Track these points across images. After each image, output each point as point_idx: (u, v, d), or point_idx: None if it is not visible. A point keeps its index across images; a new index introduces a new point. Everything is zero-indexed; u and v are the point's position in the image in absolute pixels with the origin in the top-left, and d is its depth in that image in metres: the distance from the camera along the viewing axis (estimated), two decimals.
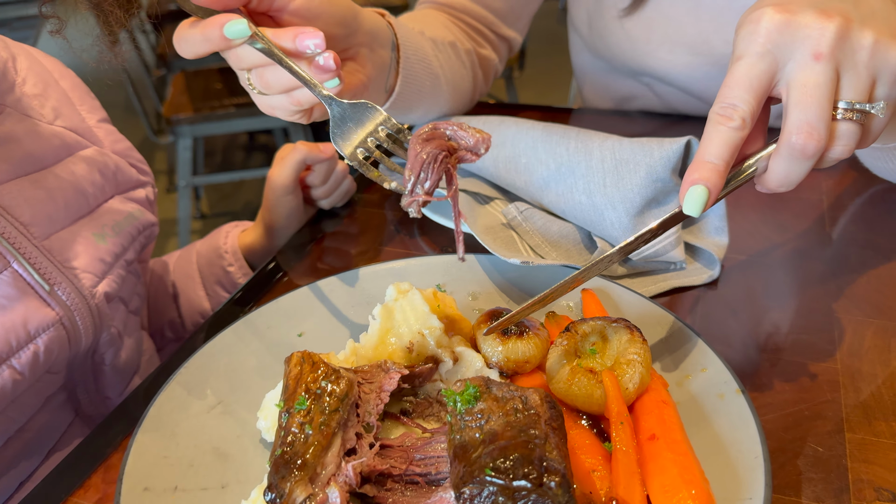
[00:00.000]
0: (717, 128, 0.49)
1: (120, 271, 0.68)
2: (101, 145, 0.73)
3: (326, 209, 0.87)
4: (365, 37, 0.66)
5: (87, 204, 0.67)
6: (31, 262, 0.58)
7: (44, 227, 0.61)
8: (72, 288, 0.61)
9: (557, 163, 0.73)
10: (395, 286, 0.56)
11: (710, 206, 0.50)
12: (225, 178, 2.69)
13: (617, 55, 0.97)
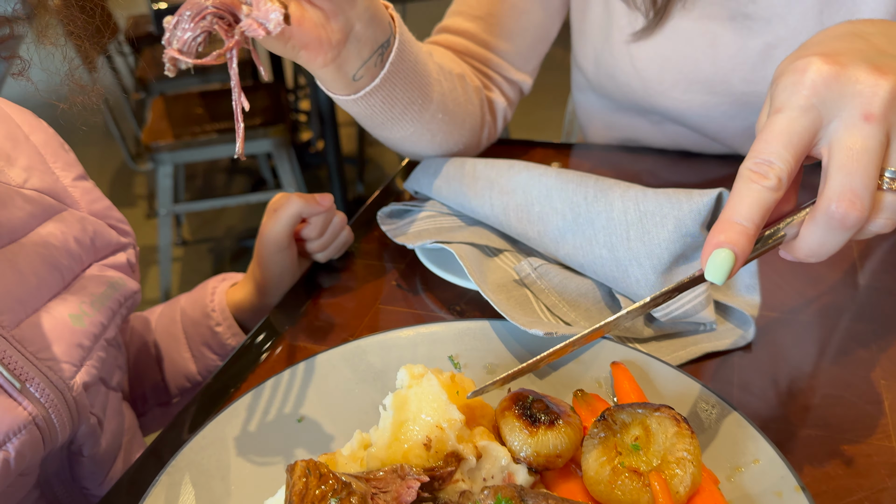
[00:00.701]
0: (750, 185, 0.44)
1: (100, 353, 0.61)
2: (78, 207, 0.67)
3: (322, 262, 0.80)
4: (362, 11, 0.62)
5: (62, 279, 0.60)
6: (0, 358, 0.51)
7: (14, 313, 0.54)
8: (46, 382, 0.54)
9: (575, 213, 0.67)
10: (408, 370, 0.50)
11: (735, 273, 0.44)
12: (207, 205, 2.61)
13: (627, 94, 0.91)
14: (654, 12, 0.84)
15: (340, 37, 0.62)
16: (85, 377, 0.58)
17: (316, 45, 0.60)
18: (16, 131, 0.66)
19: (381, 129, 0.77)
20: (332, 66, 0.64)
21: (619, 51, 0.89)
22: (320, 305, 0.75)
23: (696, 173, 0.93)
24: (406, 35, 0.70)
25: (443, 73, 0.78)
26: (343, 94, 0.69)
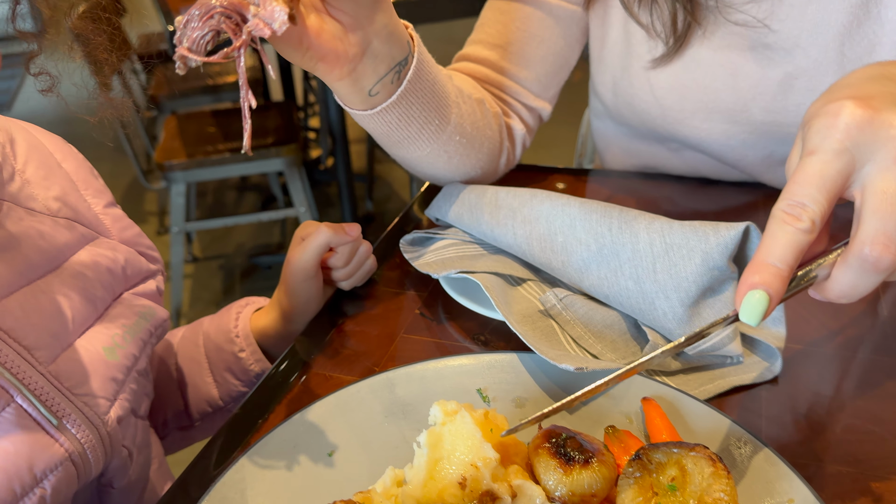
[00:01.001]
0: (783, 227, 0.44)
1: (132, 385, 0.61)
2: (109, 235, 0.67)
3: (347, 290, 0.81)
4: (381, 28, 0.63)
5: (96, 310, 0.60)
6: (37, 394, 0.51)
7: (50, 348, 0.54)
8: (82, 418, 0.54)
9: (599, 244, 0.68)
10: (441, 407, 0.50)
11: (769, 314, 0.44)
12: (219, 223, 2.63)
13: (645, 121, 0.92)
14: (674, 40, 0.84)
15: (357, 51, 0.63)
16: (119, 411, 0.58)
17: (333, 58, 0.61)
18: (49, 159, 0.66)
19: (398, 148, 0.78)
20: (348, 80, 0.66)
21: (639, 79, 0.89)
22: (345, 333, 0.75)
23: (716, 201, 0.93)
24: (425, 56, 0.71)
25: (462, 97, 0.79)
26: (359, 108, 0.70)
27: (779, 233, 0.43)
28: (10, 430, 0.49)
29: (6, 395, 0.50)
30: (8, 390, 0.50)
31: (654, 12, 0.84)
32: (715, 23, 0.83)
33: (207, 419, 0.84)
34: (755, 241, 0.63)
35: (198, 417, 0.84)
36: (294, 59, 0.60)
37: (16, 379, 0.51)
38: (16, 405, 0.50)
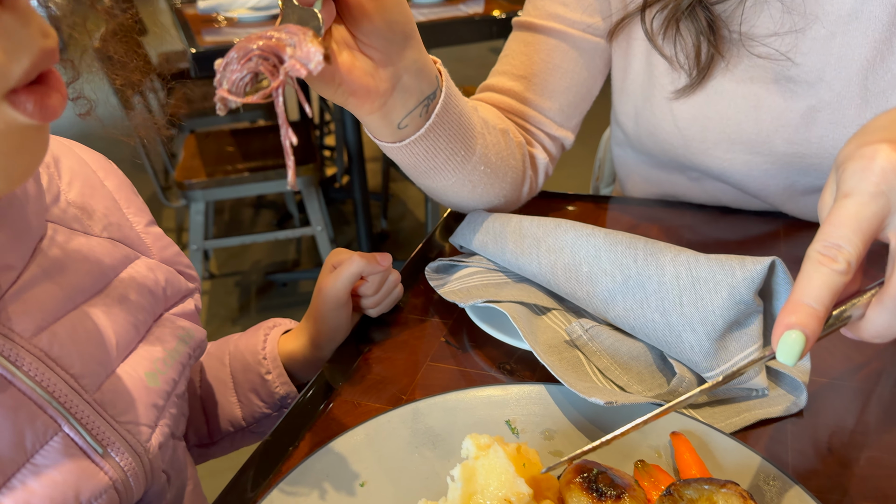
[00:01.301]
0: (819, 268, 0.45)
1: (171, 410, 0.62)
2: (150, 254, 0.67)
3: (374, 317, 0.82)
4: (410, 64, 0.65)
5: (138, 333, 0.60)
6: (83, 423, 0.52)
7: (95, 375, 0.54)
8: (125, 446, 0.55)
9: (625, 275, 0.69)
10: (474, 441, 0.51)
11: (805, 354, 0.45)
12: (237, 241, 2.65)
13: (667, 151, 0.93)
14: (697, 71, 0.85)
15: (388, 86, 0.65)
16: (160, 437, 0.59)
17: (364, 93, 0.63)
18: (93, 178, 0.66)
19: (424, 178, 0.79)
20: (378, 114, 0.67)
21: (661, 109, 0.90)
22: (371, 360, 0.76)
23: (737, 230, 0.94)
24: (452, 89, 0.73)
25: (487, 128, 0.81)
26: (388, 141, 0.72)
27: (815, 274, 0.44)
28: (57, 458, 0.50)
29: (54, 425, 0.51)
30: (56, 419, 0.51)
31: (678, 44, 0.86)
32: (738, 55, 0.84)
33: (227, 438, 0.85)
34: (781, 275, 0.64)
35: (218, 436, 0.84)
36: (326, 95, 0.62)
37: (63, 408, 0.51)
38: (63, 434, 0.51)
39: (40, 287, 0.53)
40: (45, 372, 0.51)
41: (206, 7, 2.32)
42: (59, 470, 0.50)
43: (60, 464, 0.50)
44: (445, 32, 2.20)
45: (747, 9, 0.82)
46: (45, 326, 0.52)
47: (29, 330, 0.51)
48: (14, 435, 0.48)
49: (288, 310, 2.75)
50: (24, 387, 0.49)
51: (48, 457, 0.50)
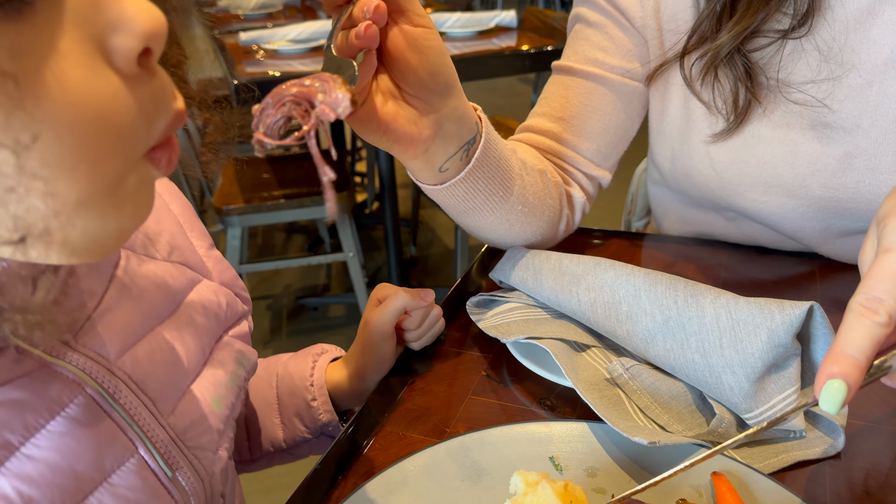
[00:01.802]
0: (861, 320, 0.47)
1: (229, 433, 0.64)
2: (211, 277, 0.69)
3: (416, 350, 0.85)
4: (451, 112, 0.68)
5: (204, 355, 0.62)
6: (157, 446, 0.54)
7: (169, 399, 0.56)
8: (191, 470, 0.57)
9: (665, 315, 0.71)
10: (522, 477, 0.53)
11: (847, 402, 0.47)
12: (271, 265, 2.69)
13: (703, 192, 0.95)
14: (734, 116, 0.88)
15: (430, 133, 0.68)
16: (221, 461, 0.61)
17: (407, 140, 0.67)
18: (158, 201, 0.67)
19: (464, 217, 0.82)
20: (421, 159, 0.71)
21: (698, 151, 0.93)
22: (415, 392, 0.79)
23: (773, 270, 0.95)
24: (492, 134, 0.76)
25: (525, 169, 0.83)
26: (430, 183, 0.76)
27: (857, 325, 0.46)
28: (131, 479, 0.52)
29: (132, 447, 0.52)
30: (134, 442, 0.53)
31: (716, 90, 0.88)
32: (775, 101, 0.86)
33: (266, 457, 0.87)
34: (819, 319, 0.66)
35: (258, 455, 0.87)
36: (372, 141, 0.66)
37: (142, 431, 0.53)
38: (138, 456, 0.53)
39: (119, 311, 0.55)
40: (128, 395, 0.53)
41: (247, 39, 2.39)
42: (132, 490, 0.52)
43: (134, 485, 0.52)
44: (478, 66, 2.25)
45: (785, 56, 0.84)
46: (126, 349, 0.54)
47: (113, 353, 0.53)
48: (96, 455, 0.50)
49: (318, 334, 2.79)
50: (110, 409, 0.51)
51: (123, 477, 0.52)
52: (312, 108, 0.51)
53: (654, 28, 0.92)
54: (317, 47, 2.33)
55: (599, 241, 1.06)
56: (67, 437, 0.48)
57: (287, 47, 2.28)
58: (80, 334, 0.51)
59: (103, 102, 0.36)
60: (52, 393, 0.48)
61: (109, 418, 0.51)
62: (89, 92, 0.35)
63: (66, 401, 0.49)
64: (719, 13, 0.84)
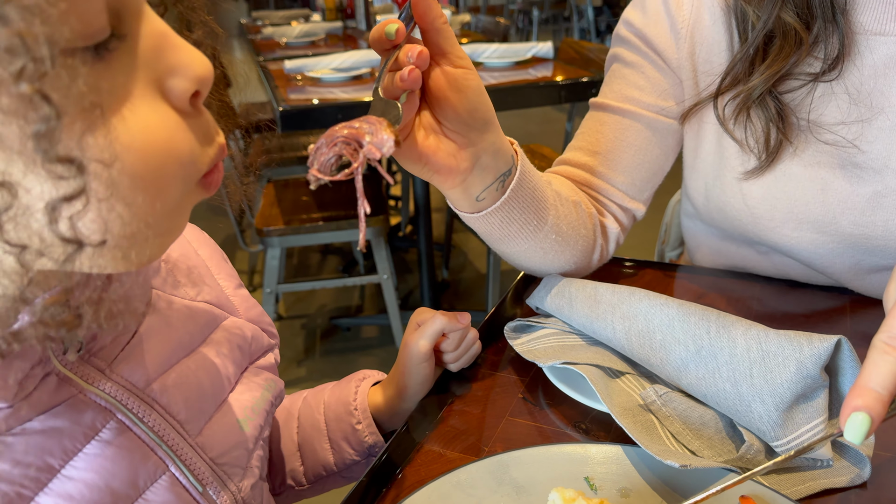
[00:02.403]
0: (884, 357, 0.50)
1: (259, 452, 0.69)
2: (238, 314, 0.75)
3: (455, 372, 0.88)
4: (489, 146, 0.73)
5: (230, 384, 0.68)
6: (187, 464, 0.59)
7: (197, 422, 0.62)
8: (221, 486, 0.62)
9: (697, 345, 0.74)
10: (560, 494, 0.56)
11: (871, 434, 0.50)
12: (307, 286, 2.76)
13: (736, 227, 0.98)
14: (766, 155, 0.91)
15: (468, 165, 0.73)
16: (251, 478, 0.66)
17: (446, 171, 0.72)
18: (187, 248, 0.74)
19: (499, 244, 0.87)
20: (459, 188, 0.76)
21: (731, 188, 0.96)
22: (453, 413, 0.82)
23: (804, 303, 0.98)
24: (527, 167, 0.81)
25: (559, 200, 0.88)
26: (467, 211, 0.81)
27: (880, 361, 0.49)
28: (164, 495, 0.57)
29: (163, 465, 0.58)
30: (164, 460, 0.58)
31: (748, 129, 0.92)
32: (806, 141, 0.89)
33: (319, 481, 0.92)
34: (846, 353, 0.68)
35: (311, 479, 0.91)
36: (414, 171, 0.71)
37: (171, 451, 0.58)
38: (170, 474, 0.58)
39: (150, 344, 0.61)
40: (156, 418, 0.59)
41: (292, 67, 2.47)
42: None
43: (167, 500, 0.57)
44: (514, 96, 2.30)
45: (815, 98, 0.88)
46: (155, 378, 0.60)
47: (142, 381, 0.59)
48: (130, 473, 0.55)
49: (351, 354, 2.83)
50: (140, 431, 0.57)
51: (157, 493, 0.57)
52: (361, 148, 0.56)
53: (689, 69, 0.96)
54: (358, 76, 2.41)
55: (633, 271, 1.09)
56: (102, 459, 0.54)
57: (329, 75, 2.35)
58: (114, 364, 0.57)
59: (167, 133, 0.43)
60: (87, 419, 0.54)
61: (139, 440, 0.57)
62: (156, 124, 0.42)
63: (98, 426, 0.54)
64: (752, 56, 0.88)
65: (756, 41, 0.88)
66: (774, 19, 0.86)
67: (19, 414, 0.50)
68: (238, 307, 0.76)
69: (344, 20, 3.91)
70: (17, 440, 0.50)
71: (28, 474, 0.50)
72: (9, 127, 0.35)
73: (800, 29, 0.85)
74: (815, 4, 0.85)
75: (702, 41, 0.95)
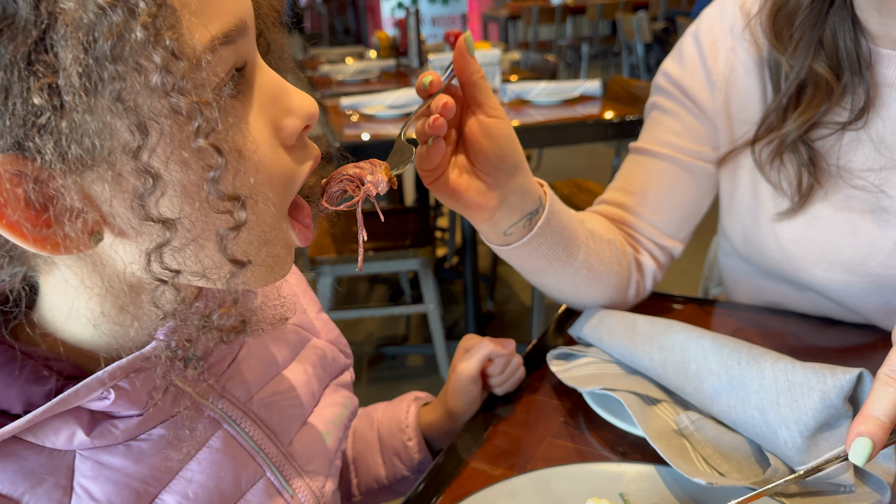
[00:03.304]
0: (886, 388, 0.55)
1: (337, 462, 0.76)
2: (319, 336, 0.83)
3: (500, 395, 0.95)
4: (516, 187, 0.80)
5: (314, 399, 0.76)
6: (280, 470, 0.67)
7: (288, 433, 0.70)
8: (308, 491, 0.69)
9: (729, 375, 0.79)
10: (595, 503, 0.62)
11: (874, 457, 0.54)
12: (356, 314, 2.85)
13: (771, 266, 1.03)
14: (798, 198, 0.96)
15: (496, 203, 0.80)
16: (332, 486, 0.73)
17: (476, 207, 0.80)
18: None
19: (530, 275, 0.95)
20: (488, 223, 0.84)
21: (765, 229, 1.01)
22: (498, 433, 0.89)
23: (837, 340, 1.02)
24: (556, 206, 0.88)
25: (592, 237, 0.94)
26: (495, 243, 0.89)
27: (882, 392, 0.54)
28: (261, 497, 0.65)
29: (260, 470, 0.66)
30: (262, 466, 0.66)
31: (782, 173, 0.97)
32: (836, 186, 0.94)
33: (371, 494, 0.99)
34: (868, 384, 0.73)
35: (363, 491, 0.98)
36: (448, 204, 0.80)
37: (267, 458, 0.66)
38: (265, 478, 0.66)
39: (250, 362, 0.69)
40: (255, 429, 0.66)
41: (348, 104, 2.59)
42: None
43: (263, 501, 0.65)
44: (561, 133, 2.37)
45: (843, 145, 0.93)
46: (254, 393, 0.68)
47: (245, 396, 0.67)
48: (234, 477, 0.63)
49: (396, 382, 2.90)
50: (242, 440, 0.65)
51: (255, 495, 0.65)
52: (362, 185, 0.65)
53: (724, 118, 1.02)
54: (409, 113, 2.51)
55: (674, 306, 1.14)
56: (212, 464, 0.62)
57: (383, 112, 2.46)
58: (222, 379, 0.66)
59: (285, 167, 0.53)
60: (200, 429, 0.62)
61: (242, 448, 0.65)
62: (274, 159, 0.52)
63: (209, 435, 0.63)
64: (785, 106, 0.94)
65: (789, 91, 0.94)
66: (807, 70, 0.92)
67: (147, 422, 0.58)
68: (320, 330, 0.84)
69: (397, 57, 4.05)
70: (146, 445, 0.58)
71: (154, 475, 0.58)
72: (188, 175, 0.44)
73: (830, 79, 0.90)
74: (843, 57, 0.90)
75: (736, 92, 1.01)
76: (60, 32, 0.39)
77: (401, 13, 9.13)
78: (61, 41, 0.39)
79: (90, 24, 0.39)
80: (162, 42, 0.41)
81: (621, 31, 6.47)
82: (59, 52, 0.39)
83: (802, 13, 0.90)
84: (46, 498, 0.52)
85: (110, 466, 0.56)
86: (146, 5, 0.40)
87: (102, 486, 0.55)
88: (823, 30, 0.90)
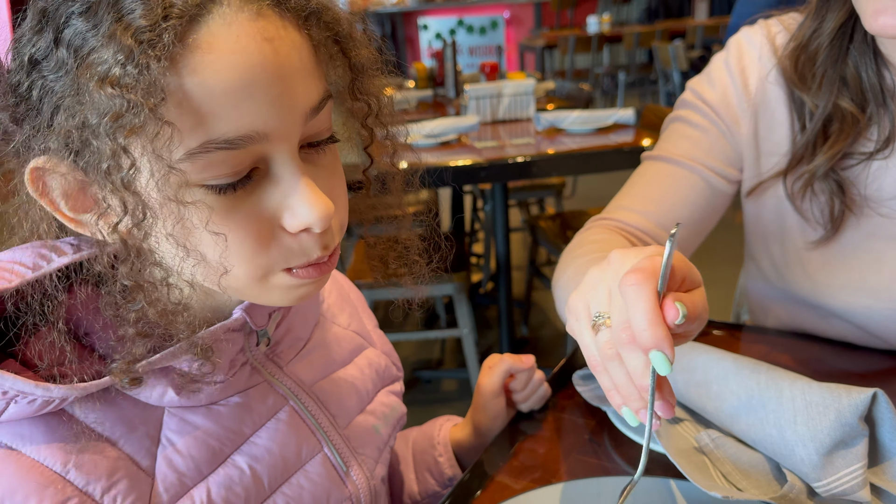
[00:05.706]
0: None
1: (386, 455, 0.84)
2: (375, 346, 0.92)
3: (525, 412, 0.98)
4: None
5: (368, 397, 0.85)
6: (336, 447, 0.76)
7: (344, 417, 0.79)
8: (360, 471, 0.77)
9: (748, 395, 0.81)
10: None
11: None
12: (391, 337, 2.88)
13: (796, 291, 1.05)
14: (831, 226, 0.99)
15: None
16: (381, 472, 0.81)
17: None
18: (342, 290, 0.93)
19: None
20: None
21: (792, 256, 1.04)
22: (524, 449, 0.92)
23: (860, 364, 1.03)
24: None
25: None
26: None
27: None
28: (319, 469, 0.73)
29: (318, 445, 0.74)
30: (320, 442, 0.74)
31: (813, 203, 1.00)
32: (864, 214, 0.97)
33: None
34: (883, 405, 0.75)
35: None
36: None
37: (325, 435, 0.75)
38: (323, 453, 0.74)
39: (315, 353, 0.79)
40: (316, 410, 0.76)
41: None
42: (319, 477, 0.73)
43: (320, 472, 0.73)
44: (595, 161, 2.40)
45: (871, 174, 0.96)
46: (318, 379, 0.78)
47: (309, 380, 0.76)
48: (296, 448, 0.72)
49: (430, 406, 2.93)
50: (304, 417, 0.74)
51: (314, 467, 0.73)
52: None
53: (752, 147, 1.05)
54: (446, 142, 2.57)
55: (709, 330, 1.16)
56: (278, 433, 0.71)
57: (421, 141, 2.52)
58: (291, 364, 0.75)
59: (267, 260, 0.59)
60: (269, 402, 0.71)
61: (304, 423, 0.74)
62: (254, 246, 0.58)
63: (277, 408, 0.72)
64: (813, 141, 0.97)
65: (816, 128, 0.96)
66: (832, 106, 0.94)
67: (227, 389, 0.67)
68: (376, 341, 0.94)
69: (434, 88, 4.13)
70: (224, 409, 0.67)
71: (229, 437, 0.67)
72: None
73: (856, 113, 0.93)
74: (867, 90, 0.93)
75: (765, 121, 1.04)
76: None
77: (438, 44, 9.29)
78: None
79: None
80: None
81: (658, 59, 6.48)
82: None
83: (823, 52, 0.93)
84: (138, 444, 0.61)
85: (193, 424, 0.64)
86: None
87: (185, 440, 0.63)
88: (846, 65, 0.93)
